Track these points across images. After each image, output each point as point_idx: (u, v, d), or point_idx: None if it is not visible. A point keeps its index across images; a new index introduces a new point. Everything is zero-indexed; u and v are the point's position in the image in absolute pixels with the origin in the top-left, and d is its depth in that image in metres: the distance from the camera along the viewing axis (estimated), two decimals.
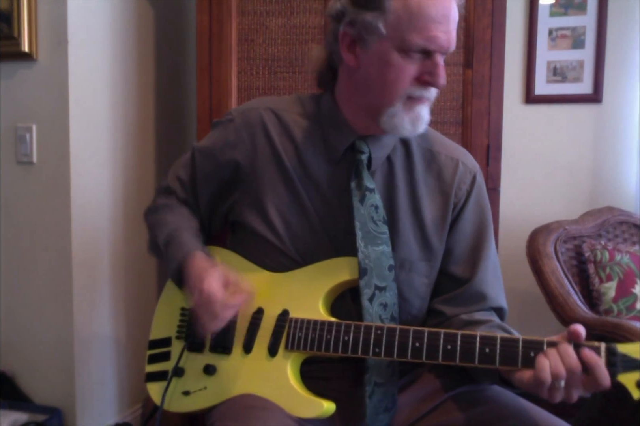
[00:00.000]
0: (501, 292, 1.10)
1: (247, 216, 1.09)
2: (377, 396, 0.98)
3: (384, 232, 1.02)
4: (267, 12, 1.76)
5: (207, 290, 0.94)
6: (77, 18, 1.68)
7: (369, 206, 1.02)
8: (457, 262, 1.07)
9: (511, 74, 2.14)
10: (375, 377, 0.98)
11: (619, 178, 2.16)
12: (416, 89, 0.96)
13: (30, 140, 1.71)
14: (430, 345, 0.91)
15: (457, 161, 1.10)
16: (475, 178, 1.10)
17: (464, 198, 1.08)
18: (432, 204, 1.07)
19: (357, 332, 0.95)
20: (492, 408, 0.97)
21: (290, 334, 1.00)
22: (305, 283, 1.03)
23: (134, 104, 1.98)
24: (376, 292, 0.99)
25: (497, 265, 1.11)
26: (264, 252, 1.08)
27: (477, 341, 0.88)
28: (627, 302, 1.77)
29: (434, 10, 0.91)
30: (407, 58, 0.94)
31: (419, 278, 1.06)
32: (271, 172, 1.08)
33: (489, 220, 1.10)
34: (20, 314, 1.78)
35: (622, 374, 0.80)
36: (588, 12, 2.13)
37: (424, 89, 0.97)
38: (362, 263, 0.99)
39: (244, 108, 1.13)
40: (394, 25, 0.93)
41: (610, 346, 0.81)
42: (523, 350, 0.86)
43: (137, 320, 2.02)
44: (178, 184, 1.18)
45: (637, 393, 0.79)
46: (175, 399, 1.07)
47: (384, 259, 1.00)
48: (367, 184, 1.03)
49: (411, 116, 0.98)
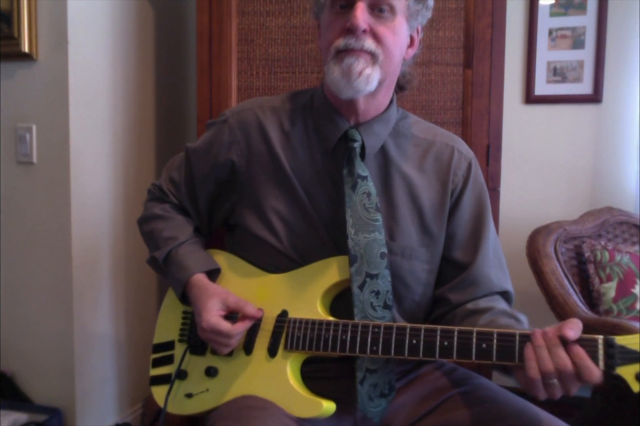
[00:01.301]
0: (505, 275, 1.10)
1: (245, 217, 1.10)
2: (369, 381, 0.98)
3: (376, 219, 1.01)
4: (267, 12, 1.76)
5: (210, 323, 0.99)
6: (77, 18, 1.69)
7: (361, 193, 1.02)
8: (458, 247, 1.08)
9: (511, 74, 2.14)
10: (367, 363, 0.98)
11: (619, 178, 2.16)
12: (342, 39, 0.97)
13: (30, 140, 1.71)
14: (427, 342, 0.91)
15: (453, 148, 1.11)
16: (470, 164, 1.11)
17: (461, 184, 1.09)
18: (430, 191, 1.08)
19: (355, 331, 0.95)
20: (492, 407, 0.97)
21: (289, 334, 1.00)
22: (304, 283, 1.03)
23: (134, 104, 1.98)
24: (367, 279, 0.99)
25: (498, 248, 1.11)
26: (263, 253, 1.08)
27: (473, 337, 0.88)
28: (627, 302, 1.77)
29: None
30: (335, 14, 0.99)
31: (420, 264, 1.06)
32: (267, 172, 1.08)
33: (487, 204, 1.11)
34: (20, 314, 1.78)
35: (620, 367, 0.79)
36: (588, 12, 2.12)
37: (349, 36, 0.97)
38: (352, 250, 0.99)
39: (238, 109, 1.14)
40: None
41: (608, 338, 0.81)
42: (520, 344, 0.85)
43: (138, 320, 2.02)
44: (172, 187, 1.18)
45: (636, 386, 0.78)
46: (178, 401, 1.07)
47: (375, 246, 1.00)
48: (359, 171, 1.03)
49: (342, 68, 0.97)
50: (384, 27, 0.98)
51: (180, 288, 1.09)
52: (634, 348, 0.79)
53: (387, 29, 0.98)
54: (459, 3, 1.68)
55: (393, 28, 0.99)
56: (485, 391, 1.01)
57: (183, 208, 1.18)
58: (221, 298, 1.03)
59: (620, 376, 0.79)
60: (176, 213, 1.17)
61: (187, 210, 1.18)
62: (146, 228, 1.19)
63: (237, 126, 1.10)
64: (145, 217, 1.20)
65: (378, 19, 0.98)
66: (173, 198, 1.18)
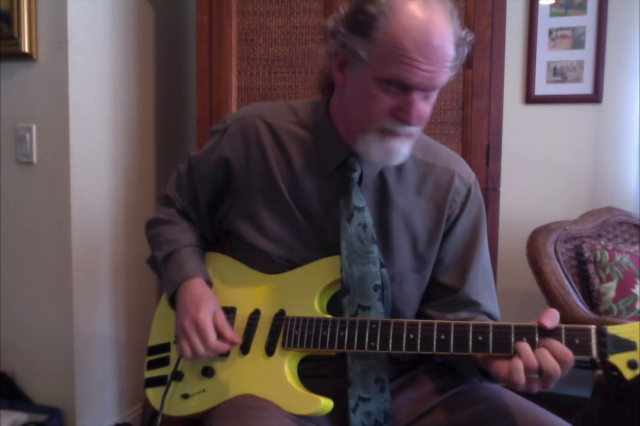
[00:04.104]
0: (493, 299, 1.09)
1: (239, 226, 1.10)
2: (362, 409, 0.98)
3: (371, 252, 1.00)
4: (267, 12, 1.76)
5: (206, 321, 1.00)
6: (77, 18, 1.69)
7: (357, 225, 1.01)
8: (446, 271, 1.07)
9: (511, 74, 2.14)
10: (360, 392, 0.98)
11: (619, 178, 2.16)
12: (391, 122, 0.94)
13: (30, 140, 1.71)
14: (424, 336, 0.91)
15: (453, 173, 1.08)
16: (470, 190, 1.09)
17: (458, 211, 1.07)
18: (426, 217, 1.06)
19: (353, 327, 0.96)
20: (492, 406, 0.97)
21: (287, 332, 1.00)
22: (301, 282, 1.04)
23: (134, 104, 1.98)
24: (359, 310, 0.99)
25: (488, 270, 1.10)
26: (258, 262, 1.09)
27: (470, 330, 0.89)
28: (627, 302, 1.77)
29: (418, 47, 0.88)
30: (384, 90, 0.92)
31: (411, 289, 1.06)
32: (262, 184, 1.08)
33: (482, 230, 1.10)
34: (20, 314, 1.78)
35: (613, 355, 0.81)
36: (588, 12, 2.12)
37: (398, 123, 0.94)
38: (345, 282, 1.00)
39: (238, 115, 1.13)
40: (376, 55, 0.91)
41: (601, 328, 0.82)
42: (515, 336, 0.86)
43: (138, 320, 2.02)
44: (177, 194, 1.19)
45: (629, 373, 0.80)
46: (175, 403, 1.07)
47: (369, 279, 1.00)
48: (355, 203, 1.02)
49: (384, 148, 0.96)
50: (428, 106, 0.95)
51: (174, 287, 1.08)
52: (625, 337, 0.81)
53: (429, 106, 0.96)
54: (459, 3, 1.68)
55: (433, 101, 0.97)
56: (485, 390, 1.01)
57: (187, 214, 1.19)
58: (217, 309, 1.04)
59: (613, 365, 0.81)
60: (180, 218, 1.18)
61: (190, 216, 1.18)
62: (151, 232, 1.21)
63: (237, 133, 1.10)
64: (151, 222, 1.21)
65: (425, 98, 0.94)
66: (178, 204, 1.19)
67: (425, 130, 1.18)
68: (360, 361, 0.99)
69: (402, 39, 0.88)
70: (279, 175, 1.07)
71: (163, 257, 1.13)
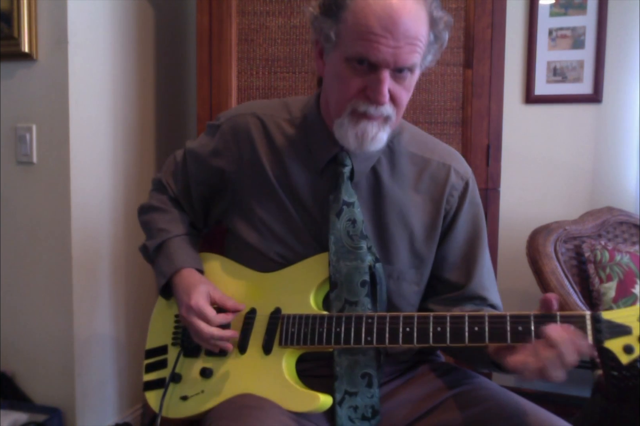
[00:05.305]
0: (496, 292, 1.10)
1: (236, 224, 1.11)
2: (348, 403, 0.99)
3: (359, 247, 1.00)
4: (267, 12, 1.76)
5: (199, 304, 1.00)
6: (77, 18, 1.69)
7: (346, 220, 1.01)
8: (451, 268, 1.07)
9: (511, 74, 2.13)
10: (347, 386, 0.99)
11: (619, 178, 2.16)
12: (361, 103, 0.93)
13: (30, 140, 1.71)
14: (420, 329, 0.91)
15: (449, 168, 1.07)
16: (467, 184, 1.08)
17: (456, 206, 1.07)
18: (422, 212, 1.06)
19: (349, 323, 0.96)
20: (493, 407, 0.97)
21: (284, 330, 1.00)
22: (295, 280, 1.04)
23: (134, 104, 1.98)
24: (346, 305, 1.00)
25: (491, 269, 1.11)
26: (254, 259, 1.09)
27: (465, 321, 0.89)
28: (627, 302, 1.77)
29: (381, 23, 0.87)
30: (354, 70, 0.92)
31: (409, 286, 1.06)
32: (255, 181, 1.08)
33: (482, 225, 1.10)
34: (20, 314, 1.78)
35: (608, 340, 0.81)
36: (588, 12, 2.12)
37: (369, 104, 0.93)
38: (333, 277, 1.00)
39: (232, 113, 1.13)
40: (342, 34, 0.91)
41: (595, 314, 0.83)
42: (511, 325, 0.86)
43: (137, 320, 2.02)
44: (172, 181, 1.20)
45: (625, 357, 0.81)
46: (173, 405, 1.07)
47: (356, 275, 1.00)
48: (344, 198, 1.02)
49: (356, 131, 0.95)
50: (402, 88, 0.94)
51: (165, 279, 1.09)
52: (620, 321, 0.82)
53: (404, 90, 0.94)
54: (459, 3, 1.68)
55: (409, 86, 0.96)
56: (485, 391, 1.01)
57: (178, 202, 1.20)
58: (209, 288, 1.05)
59: (609, 350, 0.81)
60: (172, 206, 1.19)
61: (182, 205, 1.19)
62: (143, 217, 1.22)
63: (229, 132, 1.10)
64: (143, 207, 1.22)
65: (397, 79, 0.93)
66: (170, 191, 1.19)
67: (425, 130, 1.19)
68: (346, 356, 1.00)
69: (367, 16, 0.88)
70: (271, 173, 1.07)
71: (154, 247, 1.13)
